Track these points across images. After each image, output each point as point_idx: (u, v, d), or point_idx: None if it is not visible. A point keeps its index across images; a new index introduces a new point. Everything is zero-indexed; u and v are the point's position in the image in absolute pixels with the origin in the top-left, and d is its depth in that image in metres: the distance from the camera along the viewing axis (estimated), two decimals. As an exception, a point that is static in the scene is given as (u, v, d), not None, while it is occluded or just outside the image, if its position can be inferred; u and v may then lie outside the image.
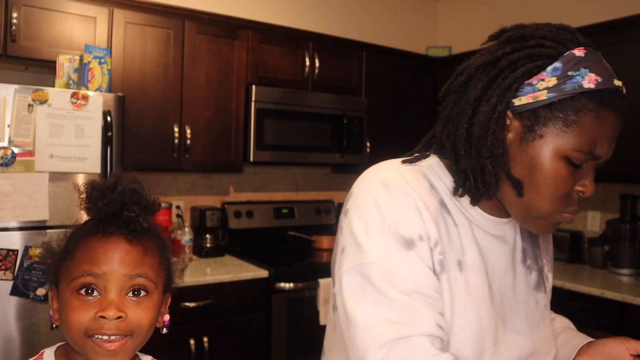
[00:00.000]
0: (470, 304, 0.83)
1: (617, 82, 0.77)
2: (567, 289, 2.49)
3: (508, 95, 0.78)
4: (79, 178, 2.20)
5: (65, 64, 2.39)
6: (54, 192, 2.13)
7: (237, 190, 3.34)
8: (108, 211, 0.75)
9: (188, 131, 2.75)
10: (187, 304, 2.42)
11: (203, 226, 2.96)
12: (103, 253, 0.73)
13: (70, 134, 2.16)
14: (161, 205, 0.82)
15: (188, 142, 2.75)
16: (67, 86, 2.38)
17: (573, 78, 0.75)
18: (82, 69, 2.35)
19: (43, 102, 2.11)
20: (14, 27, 2.32)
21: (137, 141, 2.63)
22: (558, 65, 0.76)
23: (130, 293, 0.75)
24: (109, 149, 2.24)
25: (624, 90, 0.78)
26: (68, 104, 2.16)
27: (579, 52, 0.76)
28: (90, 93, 2.22)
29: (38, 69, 2.64)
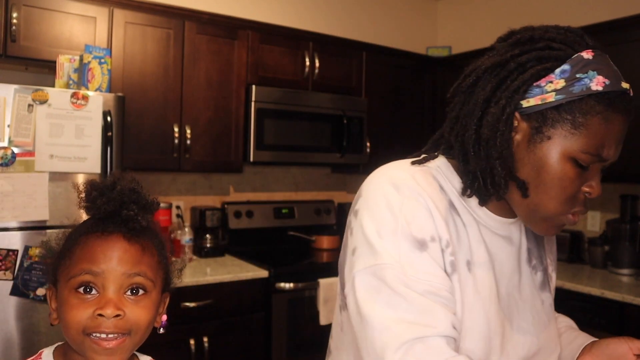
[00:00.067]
0: (478, 304, 0.83)
1: (625, 85, 0.77)
2: (567, 289, 2.49)
3: (517, 97, 0.79)
4: (79, 178, 2.20)
5: (65, 64, 2.39)
6: (54, 192, 2.13)
7: (237, 190, 3.34)
8: (107, 210, 0.75)
9: (188, 131, 2.75)
10: (187, 304, 2.42)
11: (203, 226, 2.97)
12: (102, 251, 0.73)
13: (70, 134, 2.16)
14: (160, 204, 0.82)
15: (188, 142, 2.75)
16: (67, 86, 2.38)
17: (581, 80, 0.76)
18: (82, 69, 2.35)
19: (43, 102, 2.11)
20: (14, 27, 2.32)
21: (137, 141, 2.63)
22: (566, 67, 0.77)
23: (128, 292, 0.75)
24: (109, 149, 2.24)
25: (632, 92, 0.78)
26: (68, 104, 2.16)
27: (587, 55, 0.77)
28: (90, 93, 2.22)
29: (38, 69, 2.64)
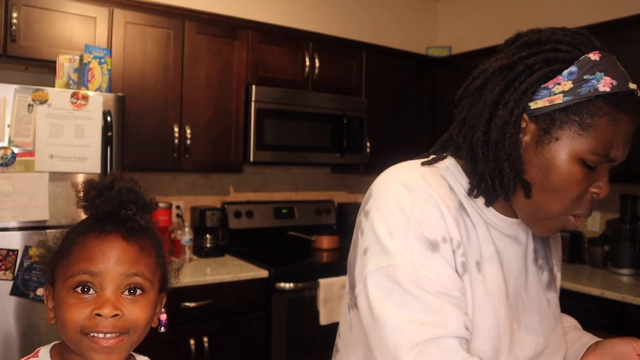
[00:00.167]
0: (488, 304, 0.84)
1: (632, 85, 0.78)
2: (567, 289, 2.49)
3: (525, 99, 0.79)
4: (79, 178, 2.20)
5: (65, 64, 2.39)
6: (54, 192, 2.13)
7: (237, 190, 3.34)
8: (105, 209, 0.75)
9: (188, 131, 2.76)
10: (187, 304, 2.42)
11: (203, 226, 2.97)
12: (100, 251, 0.73)
13: (70, 134, 2.16)
14: (158, 204, 0.82)
15: (188, 142, 2.75)
16: (67, 86, 2.38)
17: (589, 82, 0.76)
18: (82, 69, 2.35)
19: (43, 102, 2.11)
20: (14, 27, 2.33)
21: (137, 141, 2.63)
22: (574, 69, 0.77)
23: (126, 291, 0.75)
24: (109, 149, 2.25)
25: (639, 93, 0.78)
26: (68, 104, 2.16)
27: (595, 56, 0.77)
28: (90, 93, 2.22)
29: (38, 69, 2.64)
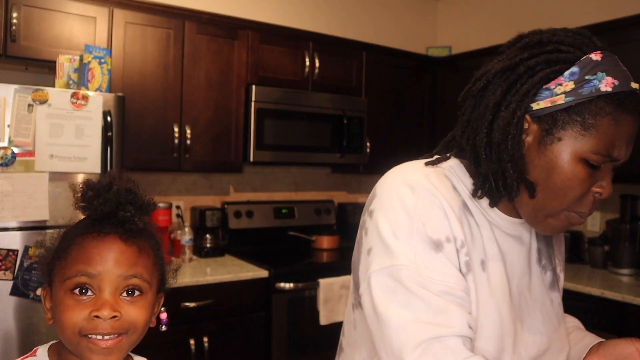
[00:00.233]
0: (492, 303, 0.84)
1: (634, 85, 0.78)
2: (567, 289, 2.48)
3: (526, 100, 0.80)
4: (79, 178, 2.20)
5: (65, 64, 2.39)
6: (54, 192, 2.13)
7: (237, 190, 3.34)
8: (103, 210, 0.74)
9: (188, 131, 2.76)
10: (187, 304, 2.43)
11: (203, 226, 2.97)
12: (98, 253, 0.73)
13: (70, 134, 2.16)
14: (156, 205, 0.82)
15: (188, 142, 2.76)
16: (67, 86, 2.38)
17: (590, 82, 0.76)
18: (82, 69, 2.36)
19: (43, 102, 2.11)
20: (14, 27, 2.33)
21: (137, 141, 2.63)
22: (575, 69, 0.78)
23: (124, 293, 0.75)
24: (109, 149, 2.25)
25: None
26: (68, 104, 2.16)
27: (596, 57, 0.77)
28: (90, 93, 2.22)
29: (38, 69, 2.64)
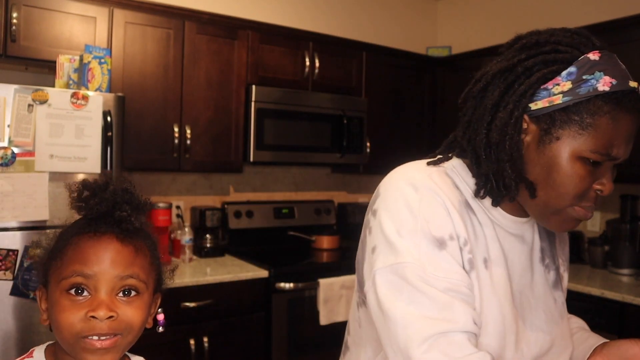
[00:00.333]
0: (494, 301, 0.85)
1: (633, 84, 0.78)
2: (567, 289, 2.46)
3: (524, 100, 0.80)
4: (79, 178, 2.20)
5: (65, 64, 2.39)
6: (54, 192, 2.13)
7: (237, 190, 3.34)
8: (99, 210, 0.74)
9: (188, 131, 2.76)
10: (187, 304, 2.43)
11: (203, 226, 2.97)
12: (94, 253, 0.73)
13: (70, 134, 2.16)
14: (153, 205, 0.82)
15: (188, 142, 2.76)
16: (67, 86, 2.39)
17: (588, 81, 0.77)
18: (82, 69, 2.36)
19: (43, 102, 2.11)
20: (14, 27, 2.33)
21: (137, 141, 2.63)
22: (572, 69, 0.78)
23: (120, 293, 0.75)
24: (109, 149, 2.25)
25: None
26: (68, 104, 2.16)
27: (594, 56, 0.78)
28: (90, 93, 2.22)
29: (38, 69, 2.64)
